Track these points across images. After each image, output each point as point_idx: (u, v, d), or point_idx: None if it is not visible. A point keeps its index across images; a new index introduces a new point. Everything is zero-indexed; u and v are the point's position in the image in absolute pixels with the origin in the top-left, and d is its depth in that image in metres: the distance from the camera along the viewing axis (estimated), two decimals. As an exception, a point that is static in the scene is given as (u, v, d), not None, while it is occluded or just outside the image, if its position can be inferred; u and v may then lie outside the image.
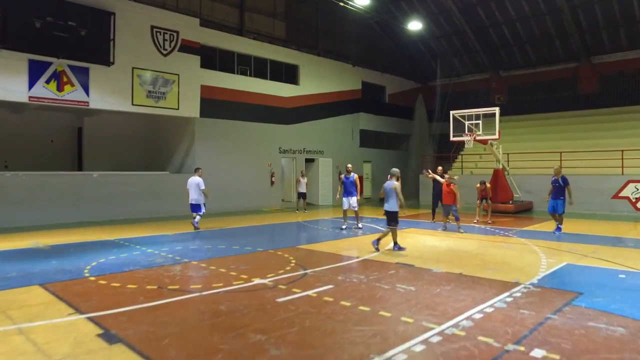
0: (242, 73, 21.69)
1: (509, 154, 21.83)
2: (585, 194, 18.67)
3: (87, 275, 7.92)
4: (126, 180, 17.67)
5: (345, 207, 14.45)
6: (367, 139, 27.55)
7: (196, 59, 18.94)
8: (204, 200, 14.06)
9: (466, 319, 5.59)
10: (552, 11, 24.35)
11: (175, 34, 18.29)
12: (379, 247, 10.36)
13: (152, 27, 17.68)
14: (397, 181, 10.59)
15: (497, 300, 6.40)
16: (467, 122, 18.23)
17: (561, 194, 13.25)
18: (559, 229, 13.24)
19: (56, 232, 13.31)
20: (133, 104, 17.19)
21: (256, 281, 7.47)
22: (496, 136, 17.92)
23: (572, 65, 26.48)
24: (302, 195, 20.22)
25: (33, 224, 14.73)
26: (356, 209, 14.46)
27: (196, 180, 13.99)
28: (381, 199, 11.05)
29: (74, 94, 15.80)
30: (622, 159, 19.36)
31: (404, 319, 5.60)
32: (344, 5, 23.35)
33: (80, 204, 16.34)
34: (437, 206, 16.35)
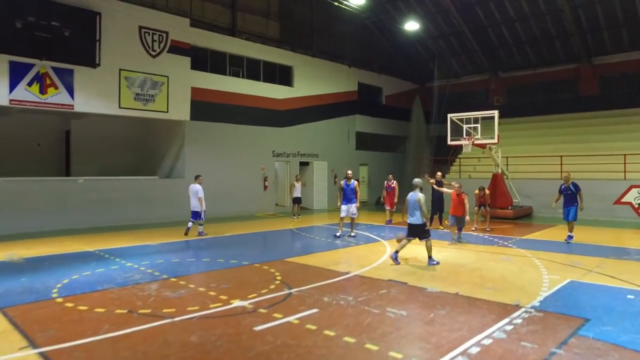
0: (235, 74, 21.12)
1: (507, 157, 21.30)
2: (587, 199, 17.78)
3: (55, 296, 7.35)
4: (113, 186, 17.11)
5: (343, 214, 13.94)
6: (363, 141, 27.00)
7: (186, 60, 18.38)
8: (203, 208, 13.90)
9: (461, 354, 5.04)
10: (552, 11, 23.80)
11: (164, 35, 17.71)
12: (399, 260, 9.90)
13: (140, 27, 17.10)
14: (420, 192, 10.09)
15: (496, 328, 5.85)
16: (465, 126, 17.68)
17: (574, 201, 13.01)
18: (571, 237, 12.96)
19: (36, 242, 12.73)
20: (120, 107, 16.61)
21: (235, 303, 6.92)
22: (495, 140, 17.38)
23: (572, 66, 25.94)
24: (297, 200, 19.67)
25: (14, 232, 14.14)
26: (355, 216, 14.00)
27: (195, 187, 13.94)
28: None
29: (58, 96, 15.22)
30: (625, 163, 18.83)
31: (392, 354, 5.05)
32: (338, 4, 22.80)
33: (65, 211, 15.75)
34: (435, 213, 15.84)
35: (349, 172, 14.36)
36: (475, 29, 26.51)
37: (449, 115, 18.30)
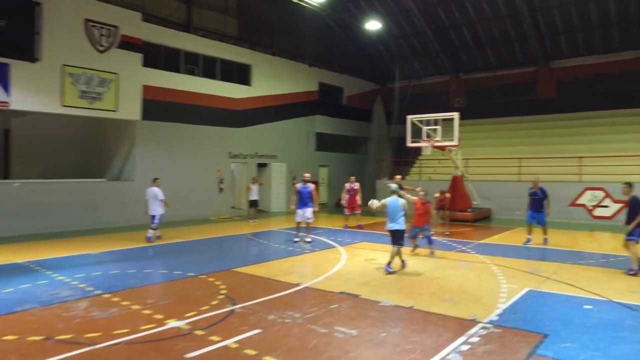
0: (190, 72, 20.27)
1: (467, 159, 21.23)
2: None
3: (-36, 319, 6.53)
4: (55, 189, 15.99)
5: (299, 219, 13.46)
6: (324, 142, 26.50)
7: (138, 57, 17.44)
8: (161, 212, 13.52)
9: (412, 383, 4.58)
10: (512, 14, 23.94)
11: (114, 29, 16.73)
12: (393, 269, 9.53)
13: (87, 20, 16.08)
14: (398, 196, 9.91)
15: (451, 349, 5.43)
16: (425, 128, 17.41)
17: (542, 205, 12.99)
18: (546, 241, 13.03)
19: (-37, 252, 11.67)
20: (63, 105, 15.56)
21: (170, 324, 6.27)
22: (455, 142, 17.18)
23: (531, 69, 26.20)
24: (254, 204, 19.02)
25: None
26: (310, 221, 13.52)
27: (154, 190, 13.49)
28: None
29: (-9, 92, 14.12)
30: (580, 165, 19.01)
31: (336, 385, 4.54)
32: (298, 2, 22.24)
33: (-1, 216, 14.62)
34: None
35: (307, 174, 13.87)
36: (437, 30, 26.44)
37: (408, 117, 18.01)
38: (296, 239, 13.45)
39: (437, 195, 15.22)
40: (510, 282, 8.58)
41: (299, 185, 13.54)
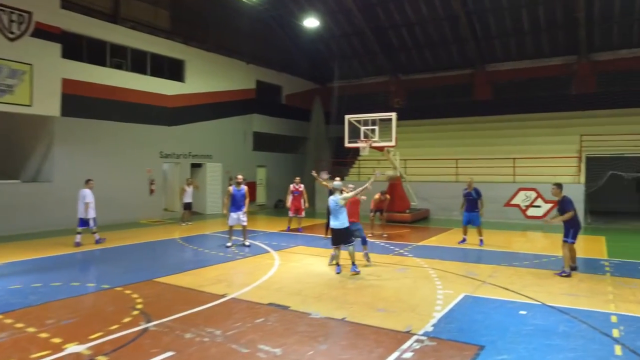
0: (117, 66, 18.96)
1: (406, 160, 21.21)
2: (480, 201, 18.40)
3: None
4: (-41, 192, 14.47)
5: (232, 222, 12.81)
6: (261, 142, 25.76)
7: (56, 47, 16.05)
8: (91, 215, 12.91)
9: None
10: (449, 16, 24.20)
11: (26, 15, 15.27)
12: (358, 269, 9.38)
13: (-5, 4, 14.62)
14: (340, 194, 9.60)
15: (382, 368, 4.98)
16: (362, 128, 17.12)
17: (476, 206, 13.00)
18: (481, 242, 13.00)
19: None
20: (-34, 98, 14.08)
21: (69, 349, 5.46)
22: (392, 143, 17.00)
23: (468, 72, 26.67)
24: (188, 206, 18.03)
25: None
26: (245, 224, 12.95)
27: (83, 192, 12.92)
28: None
29: None
30: (514, 166, 19.40)
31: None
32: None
33: None
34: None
35: (240, 176, 13.22)
36: (377, 30, 26.37)
37: (346, 117, 17.67)
38: (228, 244, 12.79)
39: (377, 196, 14.90)
40: (447, 288, 8.31)
41: (231, 188, 12.86)
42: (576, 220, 9.47)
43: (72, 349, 5.48)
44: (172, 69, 21.11)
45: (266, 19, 25.87)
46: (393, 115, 16.87)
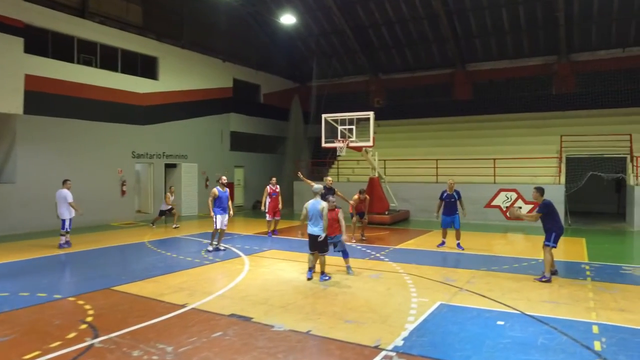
0: (86, 63, 18.22)
1: (385, 160, 20.82)
2: (460, 203, 18.10)
3: None
4: None
5: (220, 226, 12.24)
6: (239, 141, 25.16)
7: (18, 42, 15.33)
8: (70, 216, 12.67)
9: None
10: (429, 15, 23.91)
11: (-16, 7, 14.58)
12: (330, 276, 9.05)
13: (-51, -5, 13.86)
14: (322, 200, 9.08)
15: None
16: (340, 127, 16.65)
17: (456, 208, 12.50)
18: (460, 245, 12.53)
19: None
20: None
21: (-3, 372, 4.91)
22: (370, 143, 16.56)
23: (448, 71, 26.44)
24: (164, 213, 17.29)
25: None
26: (226, 227, 12.61)
27: (63, 193, 12.64)
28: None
29: None
30: (494, 167, 19.12)
31: None
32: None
33: None
34: None
35: (224, 177, 12.78)
36: (356, 29, 25.99)
37: (323, 116, 17.18)
38: (210, 248, 12.27)
39: (356, 196, 13.82)
40: (422, 295, 7.88)
41: (217, 190, 12.29)
42: (558, 224, 9.15)
43: (1, 371, 4.92)
44: (145, 66, 20.42)
45: (243, 15, 25.31)
46: (370, 115, 16.41)
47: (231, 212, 12.68)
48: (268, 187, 15.39)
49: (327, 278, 9.00)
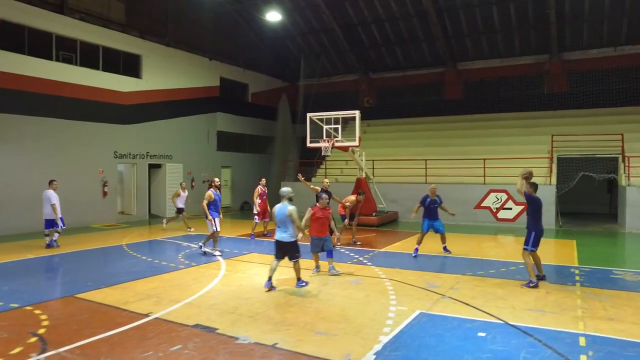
0: (66, 60, 17.73)
1: (373, 160, 20.42)
2: (450, 203, 17.43)
3: None
4: None
5: (216, 228, 11.82)
6: (226, 141, 24.70)
7: (-9, 38, 14.88)
8: (59, 215, 12.73)
9: None
10: (419, 13, 23.55)
11: (-45, 2, 14.07)
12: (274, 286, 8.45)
13: None
14: (290, 203, 8.42)
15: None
16: (325, 126, 16.23)
17: (438, 213, 11.93)
18: (447, 249, 12.06)
19: None
20: None
21: None
22: (356, 143, 16.13)
23: (438, 70, 26.10)
24: (180, 210, 16.47)
25: None
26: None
27: (48, 194, 12.68)
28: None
29: None
30: (484, 167, 18.75)
31: None
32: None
33: None
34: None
35: (217, 179, 12.61)
36: (346, 27, 25.60)
37: (308, 115, 16.75)
38: (217, 253, 11.85)
39: (353, 197, 13.30)
40: (401, 303, 7.46)
41: (211, 192, 11.89)
42: (538, 225, 8.76)
43: None
44: (128, 65, 19.91)
45: (230, 13, 24.83)
46: (356, 114, 15.99)
47: (221, 215, 12.27)
48: (258, 187, 14.95)
49: (303, 284, 8.56)
